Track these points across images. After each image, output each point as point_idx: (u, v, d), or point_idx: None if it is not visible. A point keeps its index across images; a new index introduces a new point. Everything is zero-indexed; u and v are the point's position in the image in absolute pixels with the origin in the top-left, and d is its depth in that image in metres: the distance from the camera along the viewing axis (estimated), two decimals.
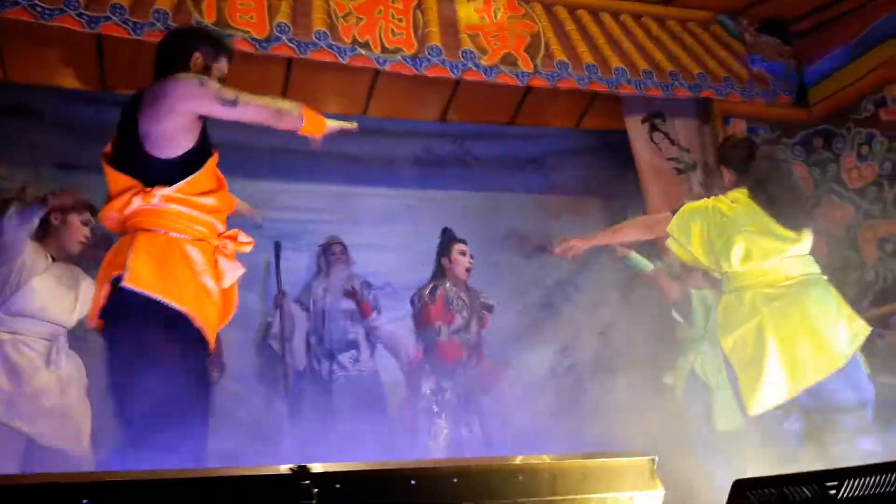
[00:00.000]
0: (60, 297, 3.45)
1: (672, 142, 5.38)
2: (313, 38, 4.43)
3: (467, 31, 4.87)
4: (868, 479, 1.21)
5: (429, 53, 4.69)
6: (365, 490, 1.17)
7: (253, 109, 2.61)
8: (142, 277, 2.39)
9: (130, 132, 2.54)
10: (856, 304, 5.16)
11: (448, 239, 4.67)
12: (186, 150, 2.56)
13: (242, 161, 5.29)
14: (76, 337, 3.62)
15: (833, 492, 1.20)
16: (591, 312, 5.68)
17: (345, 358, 4.79)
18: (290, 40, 4.39)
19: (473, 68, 4.78)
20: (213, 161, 2.66)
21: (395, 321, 5.10)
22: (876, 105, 5.18)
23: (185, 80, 2.55)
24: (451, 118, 5.78)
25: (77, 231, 3.54)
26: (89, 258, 3.55)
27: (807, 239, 3.25)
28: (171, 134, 2.52)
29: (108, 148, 2.67)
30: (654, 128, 5.39)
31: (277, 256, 4.88)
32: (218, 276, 2.57)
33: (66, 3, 3.98)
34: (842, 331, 3.12)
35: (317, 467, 1.15)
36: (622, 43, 5.23)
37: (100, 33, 4.18)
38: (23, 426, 3.19)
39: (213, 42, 2.79)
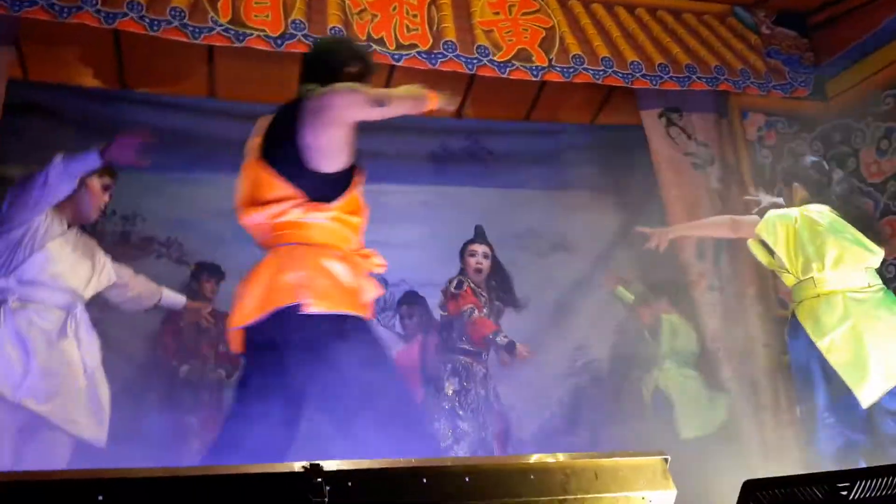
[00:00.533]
0: (77, 266, 3.28)
1: (689, 136, 5.34)
2: (328, 34, 4.43)
3: (482, 26, 4.86)
4: (879, 480, 1.21)
5: (444, 49, 4.68)
6: (376, 488, 1.18)
7: (398, 104, 2.66)
8: (324, 298, 2.39)
9: (288, 141, 2.54)
10: None
11: (469, 239, 4.69)
12: (343, 166, 2.59)
13: None
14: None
15: (844, 493, 1.19)
16: (607, 310, 5.66)
17: None
18: (305, 37, 4.40)
19: (488, 64, 4.77)
20: (360, 179, 2.69)
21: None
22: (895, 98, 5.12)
23: (345, 90, 2.59)
24: (466, 114, 5.77)
25: (97, 197, 3.42)
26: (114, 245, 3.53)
27: (881, 254, 3.68)
28: (333, 148, 2.55)
29: (256, 146, 2.68)
30: (670, 122, 5.35)
31: None
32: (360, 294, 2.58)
33: (84, 1, 4.01)
34: None
35: (329, 465, 1.16)
36: (638, 36, 5.20)
37: (117, 30, 4.21)
38: (34, 405, 3.01)
39: (357, 55, 2.88)
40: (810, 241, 3.60)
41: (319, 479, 1.12)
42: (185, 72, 5.01)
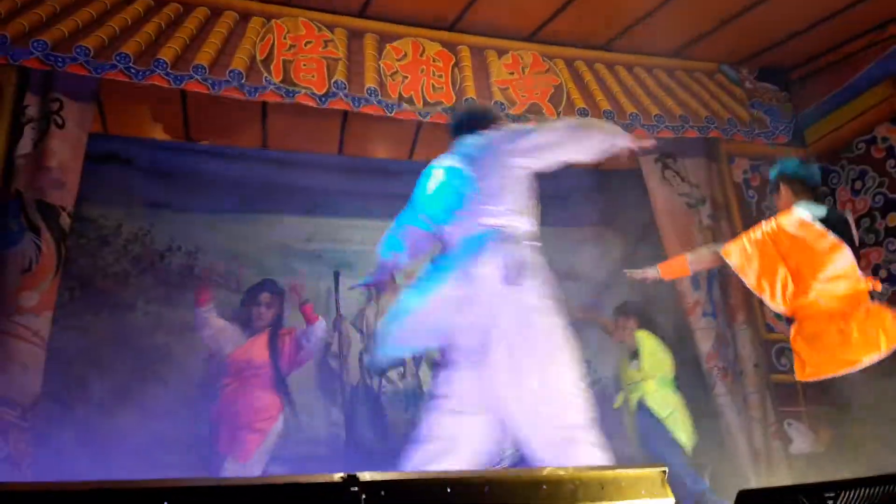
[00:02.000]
0: None
1: (682, 179, 5.32)
2: (366, 94, 4.49)
3: (498, 84, 4.90)
4: (862, 490, 1.17)
5: (462, 100, 4.72)
6: (406, 496, 1.17)
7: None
8: None
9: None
10: None
11: None
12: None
13: (306, 200, 5.40)
14: None
15: (830, 502, 1.16)
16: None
17: (392, 374, 4.80)
18: (345, 96, 4.46)
19: (504, 117, 4.79)
20: None
21: None
22: (867, 144, 5.07)
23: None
24: None
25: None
26: None
27: None
28: None
29: None
30: (665, 166, 5.34)
31: (336, 284, 4.91)
32: None
33: (155, 64, 4.09)
34: None
35: (365, 476, 1.15)
36: (636, 91, 5.21)
37: (184, 90, 4.29)
38: None
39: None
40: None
41: (356, 489, 1.11)
42: (242, 126, 5.10)
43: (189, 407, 4.50)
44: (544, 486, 1.24)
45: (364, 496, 1.12)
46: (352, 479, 1.13)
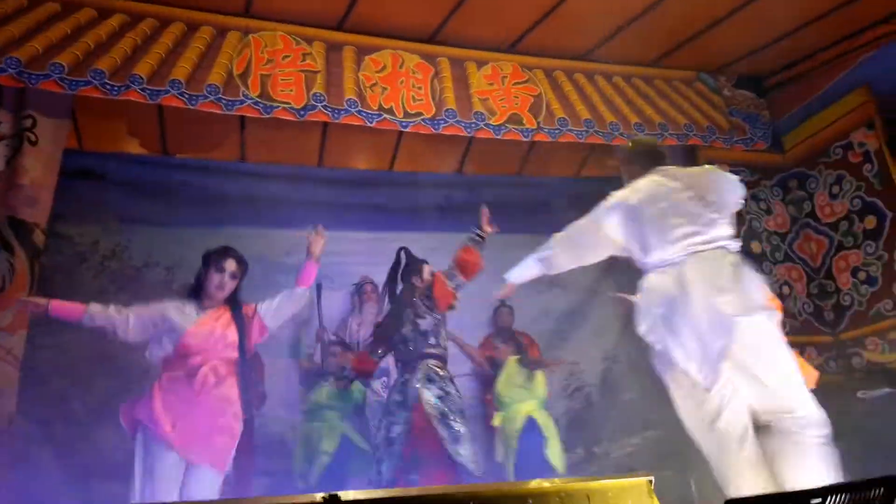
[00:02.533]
0: None
1: None
2: (345, 105, 4.48)
3: (478, 95, 4.90)
4: (847, 495, 1.17)
5: (445, 115, 4.72)
6: None
7: None
8: None
9: None
10: (834, 325, 5.08)
11: None
12: None
13: (285, 212, 5.35)
14: None
15: None
16: (596, 339, 5.62)
17: (377, 384, 4.75)
18: (324, 107, 4.44)
19: (484, 127, 4.80)
20: None
21: None
22: (844, 149, 5.12)
23: None
24: (466, 170, 5.80)
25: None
26: None
27: None
28: None
29: None
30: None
31: (319, 296, 4.87)
32: None
33: (131, 80, 4.05)
34: None
35: (347, 495, 1.12)
36: (615, 100, 5.24)
37: (160, 104, 4.25)
38: None
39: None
40: None
41: None
42: (219, 139, 5.06)
43: None
44: (530, 501, 1.22)
45: None
46: (333, 499, 1.10)
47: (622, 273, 4.29)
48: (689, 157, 5.42)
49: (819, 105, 5.30)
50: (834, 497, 1.17)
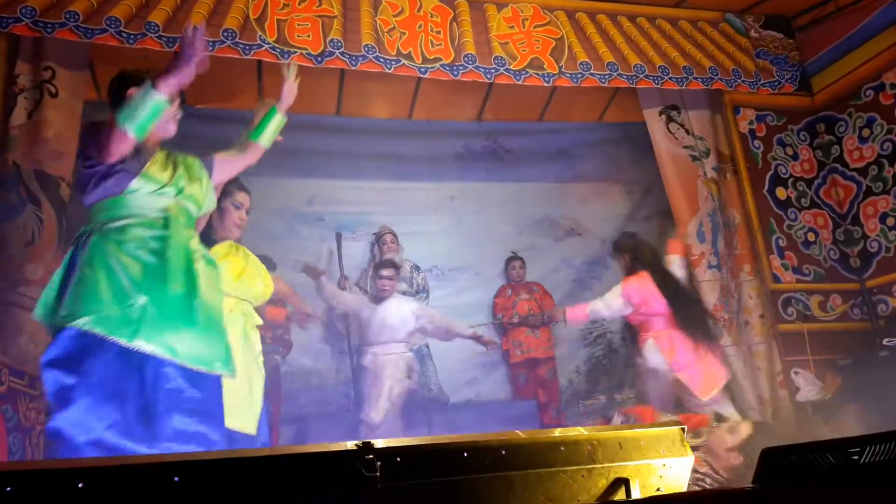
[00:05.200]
0: None
1: (687, 131, 5.23)
2: (363, 51, 4.38)
3: (498, 39, 4.78)
4: (887, 444, 1.14)
5: (465, 61, 4.61)
6: (422, 462, 1.14)
7: None
8: None
9: None
10: (860, 272, 5.01)
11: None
12: None
13: (307, 163, 5.32)
14: None
15: (856, 457, 1.13)
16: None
17: None
18: (342, 54, 4.35)
19: (504, 72, 4.69)
20: None
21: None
22: (875, 91, 4.96)
23: None
24: (485, 117, 5.71)
25: None
26: None
27: None
28: None
29: None
30: (670, 119, 5.24)
31: (339, 245, 4.88)
32: None
33: (147, 27, 3.99)
34: None
35: (379, 443, 1.12)
36: (639, 42, 5.09)
37: (177, 52, 4.17)
38: None
39: None
40: None
41: (371, 456, 1.08)
42: (237, 88, 5.00)
43: None
44: (562, 448, 1.22)
45: (379, 463, 1.09)
46: (366, 447, 1.10)
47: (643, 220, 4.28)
48: (715, 101, 5.30)
49: (850, 45, 5.11)
50: (874, 447, 1.14)
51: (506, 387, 5.15)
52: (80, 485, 0.91)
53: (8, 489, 0.88)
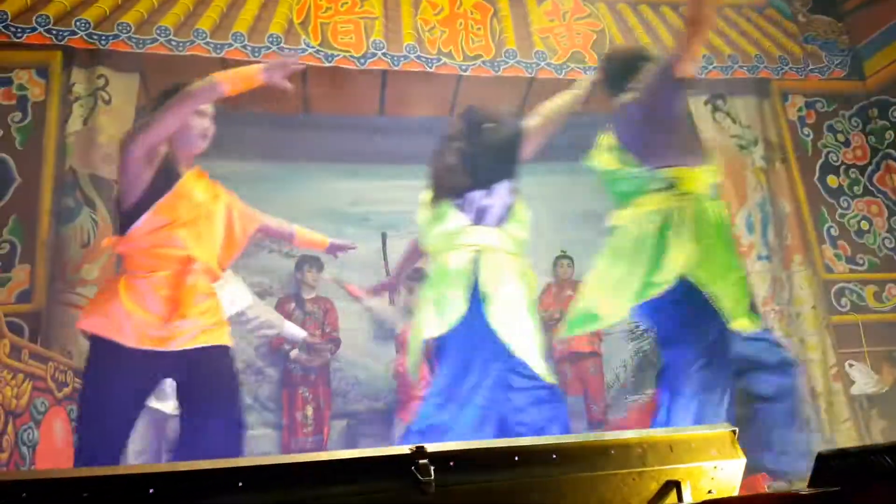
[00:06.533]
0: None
1: (734, 120, 5.13)
2: (404, 51, 4.42)
3: (539, 33, 4.76)
4: None
5: (505, 56, 4.61)
6: (475, 465, 1.16)
7: None
8: None
9: None
10: None
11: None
12: None
13: (356, 165, 5.39)
14: None
15: None
16: None
17: None
18: (384, 55, 4.40)
19: (546, 67, 4.67)
20: None
21: None
22: None
23: None
24: (527, 112, 5.68)
25: None
26: None
27: None
28: None
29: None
30: (716, 108, 5.15)
31: (384, 244, 4.92)
32: None
33: (195, 34, 4.11)
34: None
35: (431, 447, 1.14)
36: (683, 32, 5.00)
37: (224, 58, 4.28)
38: None
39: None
40: None
41: (425, 460, 1.11)
42: (282, 91, 5.07)
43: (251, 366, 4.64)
44: (612, 451, 1.22)
45: (433, 467, 1.11)
46: (420, 451, 1.13)
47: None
48: (763, 88, 5.18)
49: None
50: None
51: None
52: (150, 490, 0.96)
53: (84, 495, 0.93)
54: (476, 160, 2.66)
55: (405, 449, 1.13)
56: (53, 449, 3.00)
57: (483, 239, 2.61)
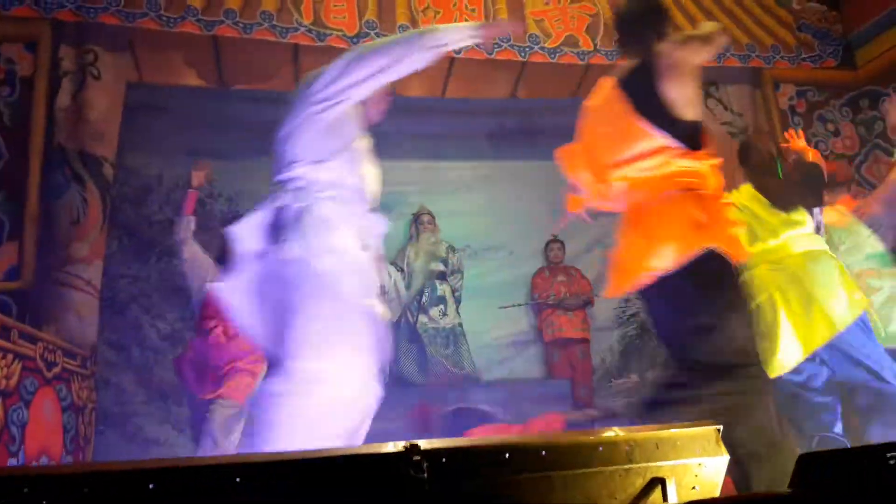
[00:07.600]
0: None
1: (725, 107, 5.15)
2: (397, 31, 4.38)
3: (533, 16, 4.74)
4: None
5: (499, 39, 4.59)
6: (466, 462, 1.19)
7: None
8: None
9: (651, 96, 2.27)
10: None
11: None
12: (696, 115, 2.35)
13: None
14: None
15: (892, 462, 1.15)
16: None
17: (434, 312, 4.84)
18: (377, 34, 4.36)
19: (539, 51, 4.66)
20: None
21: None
22: None
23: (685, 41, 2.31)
24: (519, 95, 5.67)
25: None
26: None
27: (807, 220, 3.09)
28: (691, 97, 2.32)
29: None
30: (708, 95, 5.16)
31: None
32: None
33: (186, 11, 4.05)
34: (842, 299, 2.92)
35: (424, 444, 1.16)
36: (676, 18, 5.00)
37: (215, 35, 4.24)
38: None
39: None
40: None
41: (418, 457, 1.13)
42: (273, 69, 5.03)
43: None
44: (601, 448, 1.25)
45: (426, 464, 1.13)
46: (413, 448, 1.15)
47: None
48: (755, 76, 5.20)
49: None
50: None
51: (539, 366, 5.18)
52: (150, 486, 0.97)
53: (85, 490, 0.95)
54: None
55: (399, 446, 1.15)
56: (43, 429, 3.01)
57: None
